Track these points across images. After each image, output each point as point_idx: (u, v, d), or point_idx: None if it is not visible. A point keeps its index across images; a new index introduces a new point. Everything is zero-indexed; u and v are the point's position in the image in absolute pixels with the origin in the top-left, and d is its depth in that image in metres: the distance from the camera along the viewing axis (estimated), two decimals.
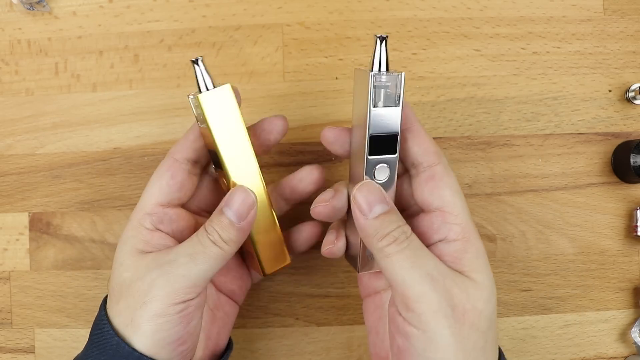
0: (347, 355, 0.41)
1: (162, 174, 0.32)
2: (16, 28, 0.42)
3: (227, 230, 0.30)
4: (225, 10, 0.42)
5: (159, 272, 0.29)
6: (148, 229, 0.31)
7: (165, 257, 0.30)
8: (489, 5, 0.42)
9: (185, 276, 0.29)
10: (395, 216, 0.29)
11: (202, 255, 0.29)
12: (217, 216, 0.30)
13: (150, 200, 0.32)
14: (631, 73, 0.41)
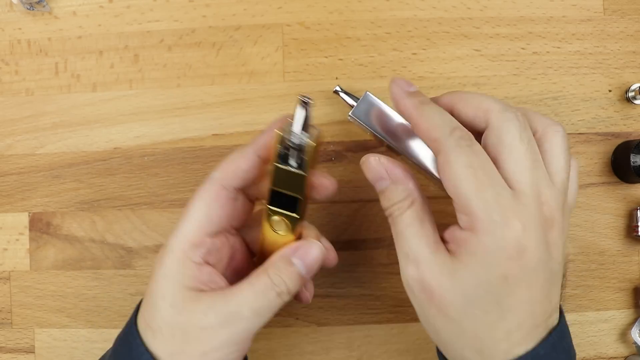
0: (347, 355, 0.41)
1: (210, 203, 0.30)
2: (16, 28, 0.42)
3: (295, 282, 0.30)
4: (225, 10, 0.42)
5: (221, 323, 0.28)
6: (196, 263, 0.29)
7: (227, 306, 0.28)
8: (489, 5, 0.42)
9: (248, 330, 0.29)
10: (394, 191, 0.30)
11: (267, 310, 0.29)
12: (286, 267, 0.30)
13: (196, 230, 0.29)
14: (631, 73, 0.41)
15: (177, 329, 0.28)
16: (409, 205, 0.29)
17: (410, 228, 0.29)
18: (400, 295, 0.41)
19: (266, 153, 0.30)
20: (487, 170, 0.27)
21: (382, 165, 0.30)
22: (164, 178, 0.41)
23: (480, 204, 0.26)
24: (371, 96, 0.39)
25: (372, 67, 0.42)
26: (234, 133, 0.41)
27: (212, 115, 0.42)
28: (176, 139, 0.42)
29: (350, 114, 0.39)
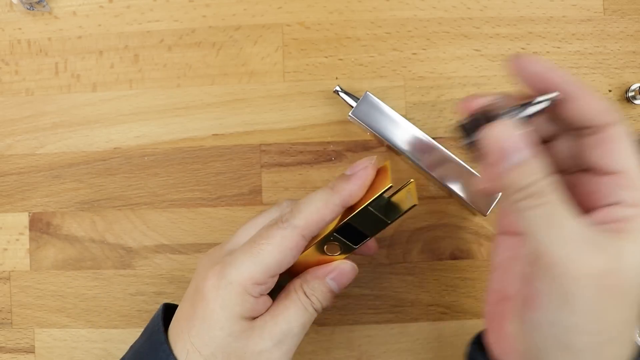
0: (347, 355, 0.41)
1: (284, 251, 0.29)
2: (16, 28, 0.42)
3: (328, 300, 0.32)
4: (225, 10, 0.42)
5: (275, 344, 0.29)
6: (254, 297, 0.29)
7: (277, 327, 0.30)
8: (489, 5, 0.42)
9: (296, 345, 0.31)
10: (535, 166, 0.24)
11: (309, 324, 0.31)
12: (321, 286, 0.31)
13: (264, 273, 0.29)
14: (631, 73, 0.41)
15: (233, 355, 0.29)
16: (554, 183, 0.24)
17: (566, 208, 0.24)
18: (400, 295, 0.41)
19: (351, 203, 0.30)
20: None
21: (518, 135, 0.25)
22: (164, 178, 0.41)
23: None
24: (371, 96, 0.39)
25: (372, 67, 0.42)
26: (234, 133, 0.41)
27: (212, 115, 0.42)
28: (176, 139, 0.42)
29: (350, 114, 0.39)
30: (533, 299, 0.25)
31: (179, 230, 0.41)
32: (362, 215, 0.29)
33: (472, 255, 0.41)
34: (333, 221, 0.30)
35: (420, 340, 0.40)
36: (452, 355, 0.40)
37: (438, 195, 0.41)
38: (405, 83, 0.41)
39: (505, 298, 0.29)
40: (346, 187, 0.29)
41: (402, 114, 0.39)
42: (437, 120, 0.41)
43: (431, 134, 0.40)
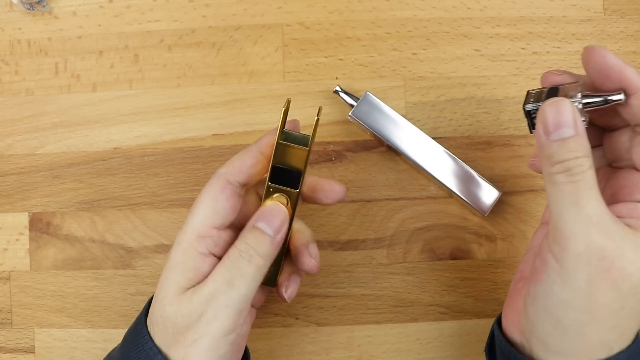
0: (347, 355, 0.41)
1: (215, 196, 0.30)
2: (16, 28, 0.42)
3: (262, 244, 0.30)
4: (225, 10, 0.42)
5: (203, 306, 0.28)
6: (201, 253, 0.30)
7: (205, 288, 0.29)
8: (489, 5, 0.42)
9: (229, 305, 0.28)
10: (579, 145, 0.26)
11: (240, 279, 0.29)
12: (251, 231, 0.30)
13: (203, 222, 0.30)
14: None
15: (168, 320, 0.29)
16: (590, 166, 0.26)
17: (593, 190, 0.25)
18: (400, 295, 0.41)
19: (269, 151, 0.31)
20: None
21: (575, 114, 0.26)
22: (164, 178, 0.41)
23: None
24: (371, 96, 0.39)
25: (372, 67, 0.42)
26: (234, 133, 0.41)
27: (212, 115, 0.42)
28: (176, 139, 0.42)
29: (350, 114, 0.39)
30: (538, 272, 0.27)
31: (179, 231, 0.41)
32: (280, 153, 0.30)
33: (472, 255, 0.41)
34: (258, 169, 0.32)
35: (420, 340, 0.40)
36: (452, 355, 0.40)
37: (438, 195, 0.41)
38: (405, 83, 0.41)
39: (524, 277, 0.31)
40: (262, 137, 0.32)
41: (402, 114, 0.39)
42: (437, 120, 0.41)
43: (431, 134, 0.40)
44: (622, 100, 0.27)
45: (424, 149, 0.39)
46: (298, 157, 0.30)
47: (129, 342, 0.31)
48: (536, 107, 0.28)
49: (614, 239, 0.25)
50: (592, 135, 0.29)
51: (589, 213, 0.25)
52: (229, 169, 0.31)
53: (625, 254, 0.25)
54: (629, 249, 0.25)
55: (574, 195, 0.25)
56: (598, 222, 0.25)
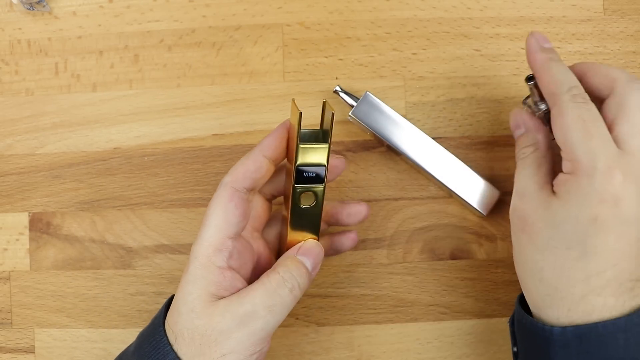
0: (347, 355, 0.41)
1: (225, 206, 0.31)
2: (16, 28, 0.42)
3: (304, 277, 0.31)
4: (225, 10, 0.42)
5: (237, 325, 0.29)
6: (219, 267, 0.30)
7: (241, 307, 0.29)
8: (489, 5, 0.42)
9: (264, 329, 0.30)
10: (527, 137, 0.34)
11: (281, 307, 0.30)
12: (294, 262, 0.31)
13: (218, 234, 0.30)
14: (631, 73, 0.41)
15: (196, 333, 0.29)
16: (532, 151, 0.33)
17: (528, 169, 0.32)
18: (400, 295, 0.41)
19: (272, 153, 0.32)
20: (597, 125, 0.29)
21: (522, 117, 0.34)
22: (164, 178, 0.41)
23: (584, 150, 0.28)
24: (371, 96, 0.39)
25: (372, 67, 0.42)
26: (234, 133, 0.41)
27: (212, 115, 0.42)
28: (176, 139, 0.42)
29: (350, 114, 0.39)
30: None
31: (179, 230, 0.41)
32: (302, 154, 0.30)
33: (472, 255, 0.41)
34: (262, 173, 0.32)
35: (420, 340, 0.40)
36: (452, 355, 0.40)
37: (438, 196, 0.41)
38: (405, 83, 0.41)
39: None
40: (263, 140, 0.32)
41: (402, 114, 0.39)
42: (437, 120, 0.41)
43: (431, 134, 0.40)
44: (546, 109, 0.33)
45: (424, 149, 0.39)
46: (319, 154, 0.31)
47: (146, 350, 0.31)
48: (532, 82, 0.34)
49: (531, 202, 0.31)
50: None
51: (516, 186, 0.33)
52: (233, 177, 0.31)
53: (536, 213, 0.30)
54: (540, 210, 0.30)
55: (516, 176, 0.33)
56: (522, 191, 0.32)
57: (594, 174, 0.28)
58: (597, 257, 0.28)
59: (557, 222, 0.29)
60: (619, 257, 0.28)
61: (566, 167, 0.30)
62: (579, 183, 0.28)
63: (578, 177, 0.29)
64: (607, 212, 0.28)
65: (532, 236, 0.30)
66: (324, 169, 0.31)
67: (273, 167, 0.33)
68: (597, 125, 0.29)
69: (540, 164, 0.32)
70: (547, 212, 0.30)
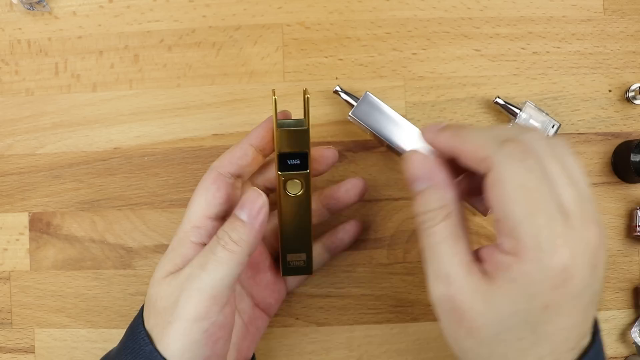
0: (347, 355, 0.41)
1: (207, 187, 0.32)
2: (16, 28, 0.42)
3: (237, 230, 0.30)
4: (225, 10, 0.42)
5: (179, 289, 0.29)
6: (193, 242, 0.31)
7: (183, 273, 0.29)
8: (489, 5, 0.42)
9: (201, 289, 0.28)
10: (435, 195, 0.27)
11: (215, 264, 0.29)
12: (229, 220, 0.31)
13: (197, 212, 0.31)
14: (631, 73, 0.41)
15: (150, 303, 0.30)
16: (443, 218, 0.27)
17: (443, 244, 0.26)
18: (400, 295, 0.41)
19: (259, 142, 0.33)
20: (543, 192, 0.24)
21: (427, 165, 0.28)
22: (164, 178, 0.41)
23: (530, 231, 0.24)
24: (371, 96, 0.39)
25: (372, 67, 0.42)
26: (234, 133, 0.41)
27: (212, 115, 0.42)
28: (176, 139, 0.42)
29: (350, 114, 0.39)
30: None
31: None
32: (283, 139, 0.31)
33: None
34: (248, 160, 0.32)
35: (420, 340, 0.40)
36: (452, 355, 0.40)
37: None
38: (405, 83, 0.41)
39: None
40: (252, 130, 0.33)
41: (402, 114, 0.39)
42: (437, 120, 0.41)
43: None
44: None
45: (424, 149, 0.39)
46: (300, 139, 0.31)
47: (127, 332, 0.32)
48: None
49: (464, 292, 0.25)
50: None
51: (436, 268, 0.26)
52: (219, 162, 0.32)
53: (475, 307, 0.25)
54: (478, 302, 0.25)
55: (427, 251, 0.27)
56: (446, 276, 0.26)
57: (542, 258, 0.24)
58: (550, 339, 0.25)
59: (504, 316, 0.25)
60: (570, 329, 0.25)
61: (505, 244, 0.25)
62: (526, 270, 0.24)
63: (523, 262, 0.24)
64: (558, 295, 0.24)
65: (473, 332, 0.25)
66: (306, 154, 0.31)
67: (261, 157, 0.33)
68: (543, 193, 0.24)
69: (458, 236, 0.26)
70: (488, 305, 0.25)
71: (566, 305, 0.25)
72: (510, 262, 0.25)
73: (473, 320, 0.25)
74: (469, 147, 0.27)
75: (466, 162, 0.27)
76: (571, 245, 0.24)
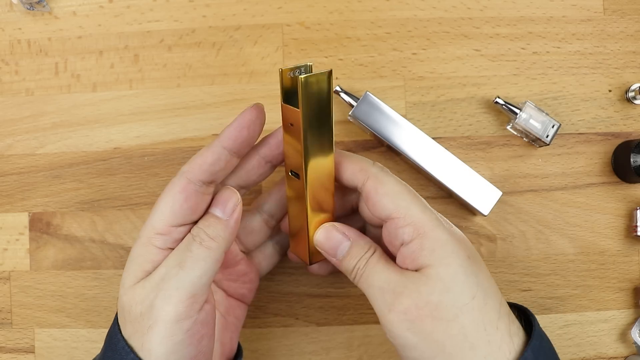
0: (347, 355, 0.41)
1: (174, 195, 0.30)
2: (16, 28, 0.42)
3: (212, 226, 0.30)
4: (225, 10, 0.42)
5: (154, 291, 0.28)
6: (159, 248, 0.30)
7: (157, 273, 0.29)
8: (489, 5, 0.42)
9: (180, 288, 0.28)
10: (356, 250, 0.31)
11: (192, 261, 0.28)
12: (204, 217, 0.30)
13: (161, 221, 0.30)
14: (631, 73, 0.41)
15: (125, 309, 0.29)
16: (372, 253, 0.31)
17: (378, 265, 0.30)
18: None
19: (232, 144, 0.30)
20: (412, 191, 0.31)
21: (336, 232, 0.32)
22: (164, 178, 0.41)
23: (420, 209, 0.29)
24: (371, 96, 0.39)
25: (372, 67, 0.42)
26: None
27: (212, 115, 0.42)
28: (176, 139, 0.42)
29: (351, 114, 0.39)
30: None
31: None
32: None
33: None
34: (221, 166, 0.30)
35: None
36: None
37: (438, 196, 0.41)
38: (405, 83, 0.41)
39: None
40: (224, 130, 0.31)
41: (402, 114, 0.39)
42: (437, 120, 0.41)
43: (431, 134, 0.40)
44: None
45: (424, 149, 0.39)
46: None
47: (105, 342, 0.31)
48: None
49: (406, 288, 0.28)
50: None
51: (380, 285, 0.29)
52: (190, 167, 0.30)
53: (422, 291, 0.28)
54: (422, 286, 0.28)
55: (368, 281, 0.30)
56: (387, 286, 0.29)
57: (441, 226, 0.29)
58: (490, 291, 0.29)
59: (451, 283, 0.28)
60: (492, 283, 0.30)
61: (407, 233, 0.29)
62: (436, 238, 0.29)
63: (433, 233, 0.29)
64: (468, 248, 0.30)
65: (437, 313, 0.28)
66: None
67: (235, 159, 0.31)
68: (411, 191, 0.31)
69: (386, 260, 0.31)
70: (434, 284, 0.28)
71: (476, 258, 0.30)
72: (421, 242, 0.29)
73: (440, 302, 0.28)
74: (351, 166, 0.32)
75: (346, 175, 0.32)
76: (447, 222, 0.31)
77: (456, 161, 0.39)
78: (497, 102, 0.40)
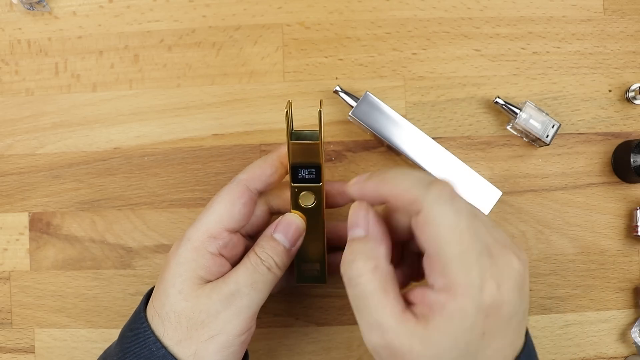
0: (347, 355, 0.41)
1: (234, 200, 0.31)
2: (16, 28, 0.42)
3: (281, 256, 0.31)
4: (225, 10, 0.42)
5: (223, 304, 0.30)
6: (212, 253, 0.31)
7: (226, 287, 0.30)
8: (489, 5, 0.42)
9: (250, 307, 0.30)
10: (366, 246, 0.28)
11: (262, 284, 0.30)
12: (269, 242, 0.32)
13: (218, 223, 0.31)
14: (631, 73, 0.41)
15: (182, 315, 0.30)
16: (372, 270, 0.27)
17: (372, 296, 0.26)
18: None
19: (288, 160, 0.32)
20: (472, 232, 0.25)
21: (366, 216, 0.28)
22: (164, 178, 0.41)
23: (462, 268, 0.25)
24: (371, 96, 0.39)
25: (372, 67, 0.42)
26: (234, 133, 0.41)
27: (212, 115, 0.42)
28: (176, 139, 0.42)
29: (350, 114, 0.39)
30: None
31: (179, 230, 0.41)
32: (296, 152, 0.31)
33: None
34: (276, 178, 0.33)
35: None
36: None
37: None
38: (405, 83, 0.41)
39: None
40: (281, 146, 0.33)
41: (402, 114, 0.39)
42: (437, 120, 0.41)
43: (431, 134, 0.40)
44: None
45: (424, 149, 0.39)
46: (312, 151, 0.31)
47: (128, 338, 0.31)
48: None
49: (400, 338, 0.25)
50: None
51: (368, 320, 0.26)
52: (249, 175, 0.32)
53: (415, 348, 0.25)
54: (416, 344, 0.25)
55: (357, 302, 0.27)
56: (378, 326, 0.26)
57: (474, 292, 0.25)
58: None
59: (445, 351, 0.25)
60: (506, 347, 0.27)
61: (438, 283, 0.25)
62: (459, 305, 0.25)
63: (457, 298, 0.25)
64: (493, 323, 0.25)
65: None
66: (319, 167, 0.31)
67: (284, 172, 0.33)
68: (473, 232, 0.25)
69: (387, 289, 0.26)
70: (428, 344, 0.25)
71: (500, 329, 0.26)
72: (445, 300, 0.25)
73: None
74: (397, 190, 0.27)
75: (396, 204, 0.27)
76: (497, 277, 0.25)
77: (456, 161, 0.39)
78: (497, 102, 0.40)
